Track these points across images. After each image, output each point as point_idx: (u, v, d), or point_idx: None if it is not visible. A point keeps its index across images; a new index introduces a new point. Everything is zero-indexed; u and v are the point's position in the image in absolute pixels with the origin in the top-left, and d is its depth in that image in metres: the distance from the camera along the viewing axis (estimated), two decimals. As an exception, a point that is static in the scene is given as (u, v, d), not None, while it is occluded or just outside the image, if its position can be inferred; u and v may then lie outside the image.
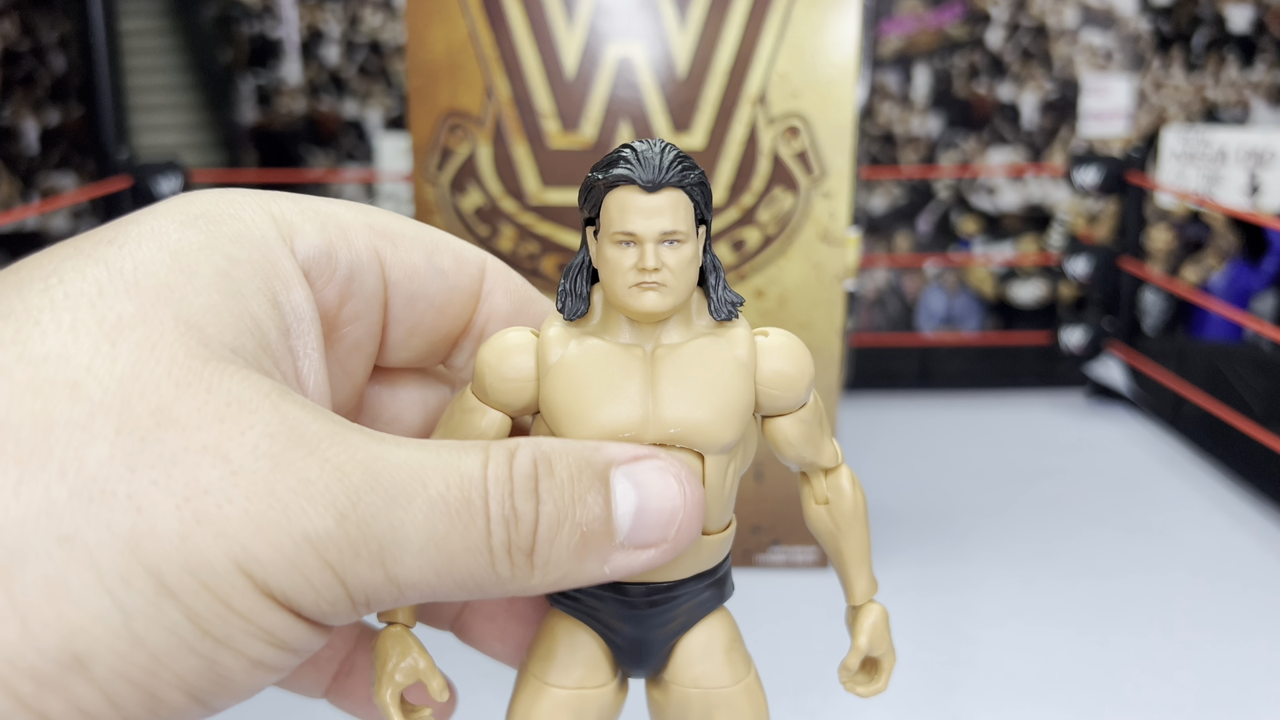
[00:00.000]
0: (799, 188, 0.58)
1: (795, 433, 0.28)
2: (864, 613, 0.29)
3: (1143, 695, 0.51)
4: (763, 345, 0.26)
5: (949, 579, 0.63)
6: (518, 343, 0.26)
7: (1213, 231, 2.36)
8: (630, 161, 0.24)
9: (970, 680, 0.52)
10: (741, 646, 0.29)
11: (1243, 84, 2.69)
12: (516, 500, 0.22)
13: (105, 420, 0.19)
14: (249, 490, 0.19)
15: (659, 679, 0.29)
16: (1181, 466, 0.82)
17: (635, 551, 0.24)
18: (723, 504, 0.27)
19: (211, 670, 0.20)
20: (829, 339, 0.60)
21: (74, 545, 0.18)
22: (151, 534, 0.19)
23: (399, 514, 0.21)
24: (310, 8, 2.67)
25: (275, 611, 0.20)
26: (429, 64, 0.57)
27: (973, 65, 2.74)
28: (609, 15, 0.56)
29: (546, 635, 0.28)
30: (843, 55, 0.56)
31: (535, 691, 0.27)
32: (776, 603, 0.60)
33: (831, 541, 0.29)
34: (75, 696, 0.19)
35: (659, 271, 0.25)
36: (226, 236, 0.22)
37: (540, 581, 0.23)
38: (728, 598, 0.29)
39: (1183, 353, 0.93)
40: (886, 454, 0.85)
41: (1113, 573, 0.64)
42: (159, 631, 0.19)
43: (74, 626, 0.18)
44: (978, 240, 2.71)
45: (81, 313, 0.20)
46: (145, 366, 0.19)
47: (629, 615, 0.27)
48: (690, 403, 0.25)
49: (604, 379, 0.25)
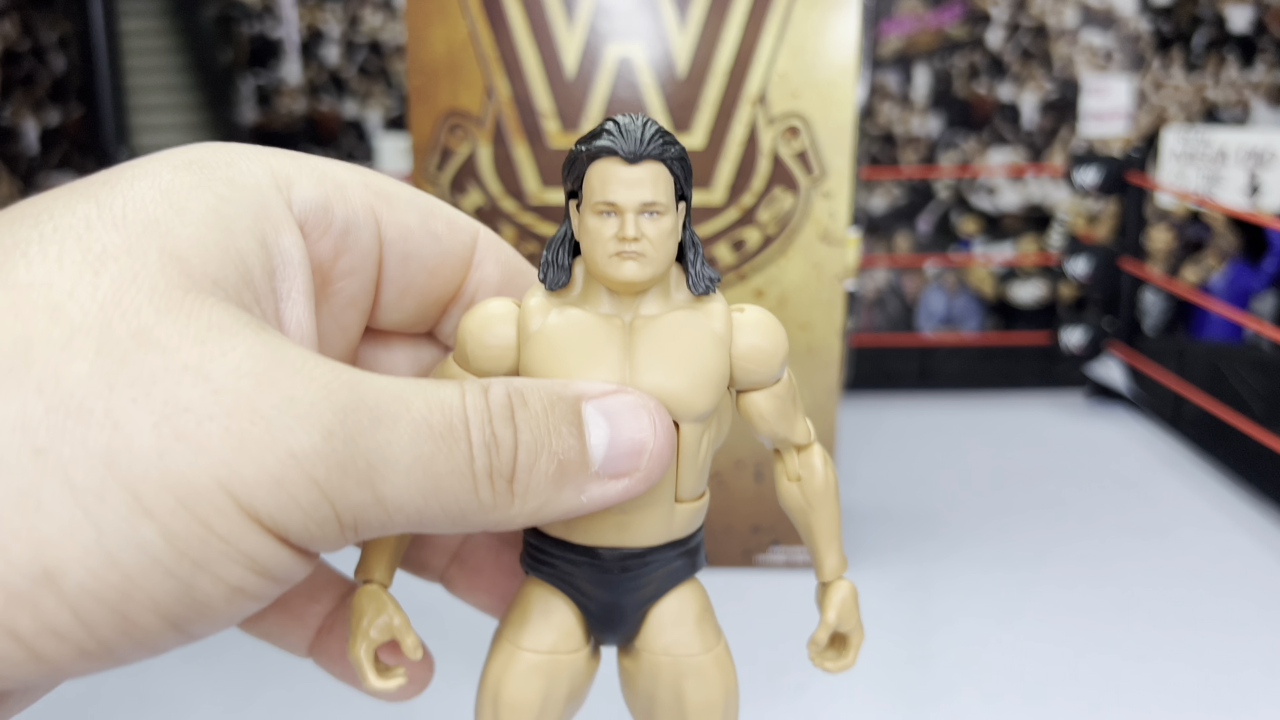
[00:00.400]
0: (799, 188, 0.58)
1: (769, 408, 0.28)
2: (833, 589, 0.30)
3: (1142, 695, 0.51)
4: (739, 321, 0.27)
5: (948, 578, 0.63)
6: (499, 312, 0.27)
7: (1213, 232, 2.36)
8: (613, 134, 0.25)
9: (970, 680, 0.52)
10: (712, 617, 0.30)
11: (1243, 84, 2.69)
12: (496, 427, 0.22)
13: (85, 341, 0.19)
14: (231, 408, 0.19)
15: (630, 647, 0.29)
16: (1181, 466, 0.82)
17: (610, 481, 0.24)
18: (696, 473, 0.27)
19: (188, 595, 0.19)
20: (829, 339, 0.60)
21: (47, 459, 0.18)
22: (128, 451, 0.18)
23: (385, 433, 0.21)
24: (310, 8, 2.67)
25: (258, 534, 0.20)
26: (429, 64, 0.57)
27: (973, 65, 2.74)
28: (609, 15, 0.56)
29: (521, 601, 0.28)
30: (843, 55, 0.56)
31: (509, 656, 0.28)
32: (776, 603, 0.60)
33: (803, 518, 0.30)
34: (45, 613, 0.18)
35: (639, 241, 0.25)
36: (220, 179, 0.23)
37: (520, 510, 0.23)
38: (700, 569, 0.30)
39: (1183, 353, 0.93)
40: (886, 454, 0.85)
41: (1112, 573, 0.64)
42: (133, 551, 0.18)
43: (45, 540, 0.18)
44: (978, 240, 2.71)
45: (68, 245, 0.20)
46: (127, 294, 0.19)
47: (602, 580, 0.27)
48: (666, 372, 0.26)
49: (583, 347, 0.26)
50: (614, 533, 0.27)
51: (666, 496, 0.27)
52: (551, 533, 0.27)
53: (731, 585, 0.62)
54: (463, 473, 0.22)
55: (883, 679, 0.52)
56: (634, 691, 0.29)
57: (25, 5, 2.22)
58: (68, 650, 0.19)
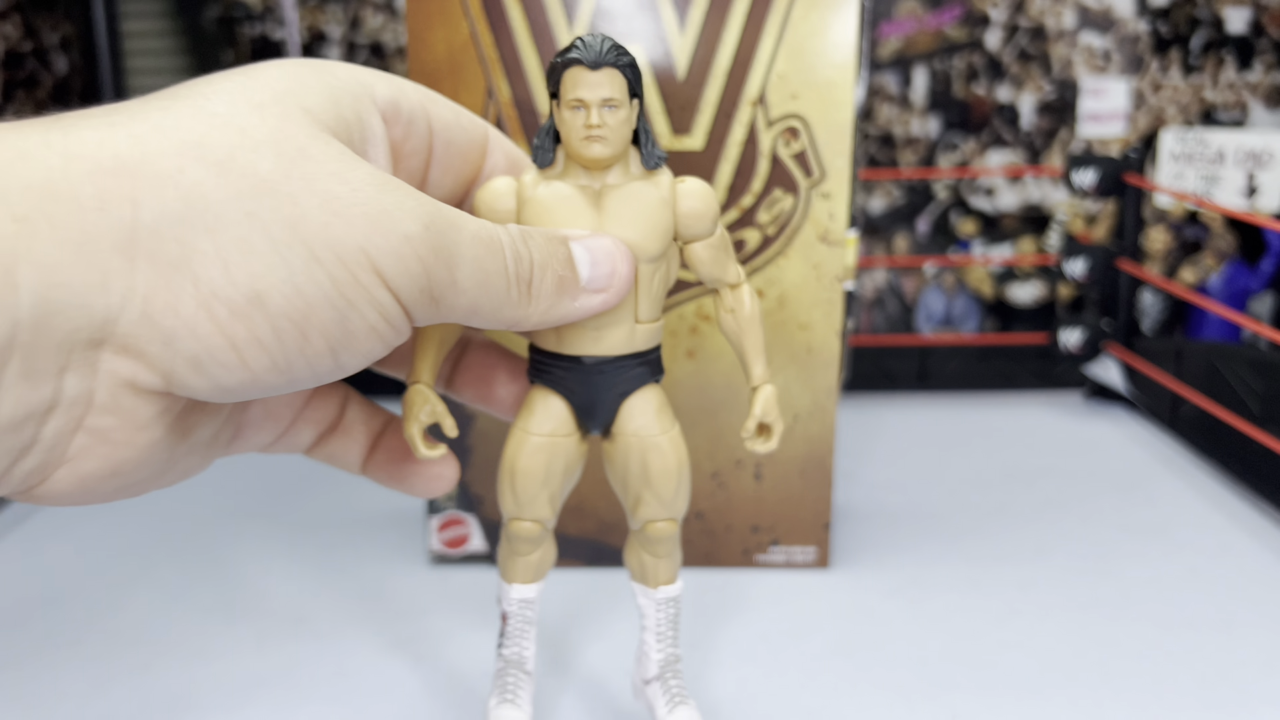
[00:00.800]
0: (798, 189, 0.58)
1: (706, 255, 0.38)
2: (760, 391, 0.39)
3: (1141, 693, 0.51)
4: (680, 189, 0.37)
5: (947, 578, 0.64)
6: (504, 186, 0.37)
7: (1210, 232, 2.36)
8: (579, 48, 0.34)
9: (969, 678, 0.52)
10: (669, 410, 0.39)
11: (1240, 85, 2.69)
12: (519, 246, 0.32)
13: (267, 149, 0.27)
14: (365, 202, 0.28)
15: (609, 433, 0.39)
16: (1179, 466, 0.82)
17: (593, 294, 0.34)
18: (651, 300, 0.37)
19: (343, 324, 0.28)
20: (828, 339, 0.61)
21: (255, 219, 0.26)
22: (304, 220, 0.27)
23: (456, 235, 0.30)
24: (312, 9, 2.68)
25: (384, 290, 0.28)
26: (430, 65, 0.57)
27: (971, 66, 2.75)
28: (609, 17, 0.56)
29: (529, 401, 0.38)
30: (842, 57, 0.57)
31: (521, 439, 0.38)
32: (776, 603, 0.60)
33: (737, 340, 0.40)
34: (254, 325, 0.26)
35: (601, 128, 0.35)
36: (327, 72, 0.31)
37: (534, 310, 0.33)
38: (659, 378, 0.39)
39: (1180, 353, 0.93)
40: (886, 454, 0.85)
41: (1111, 572, 0.64)
42: (311, 286, 0.27)
43: (256, 272, 0.26)
44: (976, 241, 2.72)
45: (236, 96, 0.28)
46: (284, 127, 0.28)
47: (585, 381, 0.37)
48: (626, 225, 0.36)
49: (565, 208, 0.36)
50: (592, 344, 0.37)
51: (628, 317, 0.37)
52: (548, 347, 0.37)
53: (731, 584, 0.62)
54: (502, 272, 0.31)
55: (882, 677, 0.52)
56: (613, 466, 0.39)
57: (27, 7, 2.22)
58: (265, 360, 0.27)
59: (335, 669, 0.53)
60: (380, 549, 0.68)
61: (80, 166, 0.25)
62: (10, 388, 0.24)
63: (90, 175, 0.25)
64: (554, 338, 0.37)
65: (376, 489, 0.77)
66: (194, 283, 0.26)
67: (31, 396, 0.24)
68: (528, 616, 0.40)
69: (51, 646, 0.56)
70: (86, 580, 0.63)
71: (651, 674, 0.41)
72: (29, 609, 0.60)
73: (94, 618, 0.59)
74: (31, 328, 0.24)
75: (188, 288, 0.26)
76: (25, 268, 0.23)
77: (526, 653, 0.41)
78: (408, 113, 0.34)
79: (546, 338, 0.38)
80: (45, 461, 0.26)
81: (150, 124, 0.27)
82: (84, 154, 0.25)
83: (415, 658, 0.54)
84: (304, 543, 0.69)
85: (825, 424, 0.62)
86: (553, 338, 0.37)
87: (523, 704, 0.40)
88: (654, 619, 0.41)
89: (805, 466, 0.63)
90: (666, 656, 0.41)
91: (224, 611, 0.60)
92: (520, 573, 0.40)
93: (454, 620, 0.58)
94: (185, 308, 0.26)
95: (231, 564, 0.66)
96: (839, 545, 0.68)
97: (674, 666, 0.41)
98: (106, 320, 0.25)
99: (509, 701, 0.40)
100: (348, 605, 0.60)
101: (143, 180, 0.25)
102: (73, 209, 0.24)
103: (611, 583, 0.62)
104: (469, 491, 0.64)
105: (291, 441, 0.37)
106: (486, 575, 0.64)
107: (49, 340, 0.24)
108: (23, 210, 0.23)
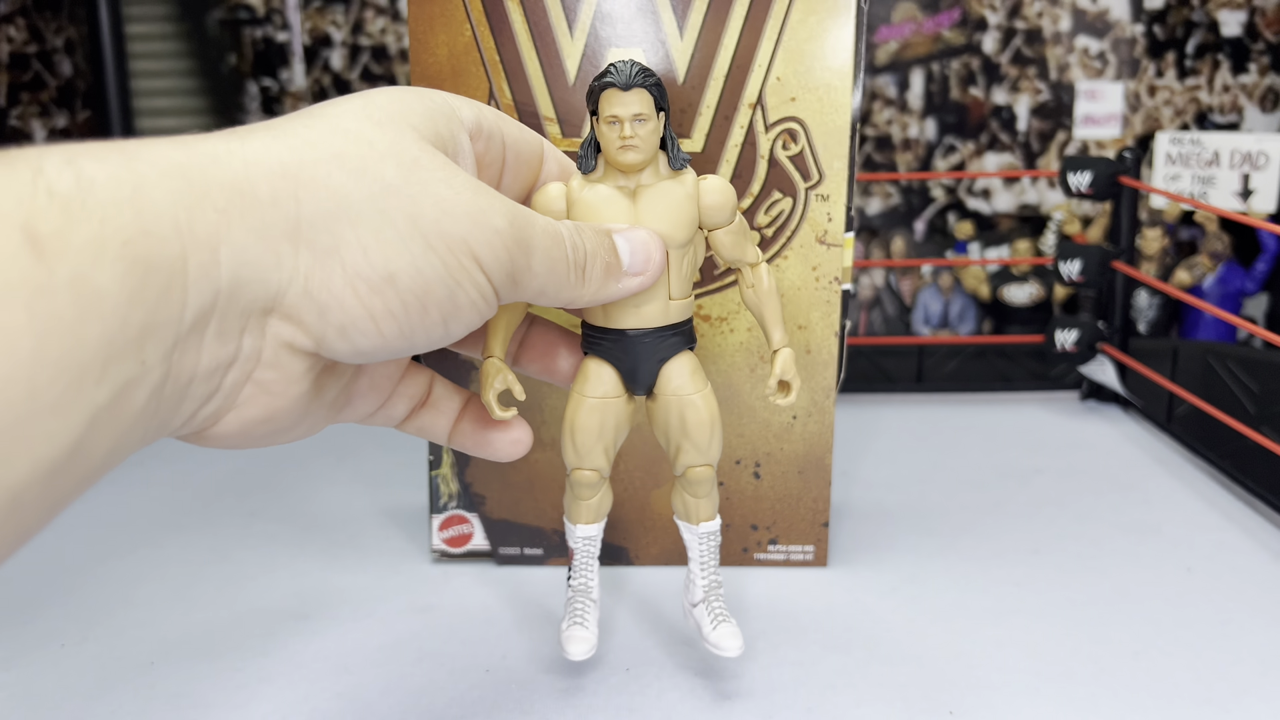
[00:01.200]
0: (796, 191, 0.59)
1: (728, 240, 0.46)
2: (780, 354, 0.47)
3: (1137, 692, 0.51)
4: (703, 185, 0.45)
5: (944, 576, 0.64)
6: (556, 191, 0.44)
7: (1205, 234, 2.37)
8: (612, 73, 0.42)
9: (966, 676, 0.53)
10: (701, 372, 0.46)
11: (1235, 88, 2.70)
12: (576, 238, 0.39)
13: (390, 159, 0.34)
14: (466, 202, 0.35)
15: (652, 394, 0.46)
16: (1175, 465, 0.83)
17: (633, 277, 0.42)
18: (681, 280, 0.45)
19: (452, 299, 0.35)
20: (826, 340, 0.61)
21: (385, 215, 0.33)
22: (421, 216, 0.33)
23: (531, 229, 0.37)
24: (315, 12, 2.68)
25: (479, 272, 0.35)
26: (432, 69, 0.58)
27: (968, 69, 2.75)
28: (610, 21, 0.57)
29: (583, 369, 0.46)
30: (840, 60, 0.57)
31: (578, 402, 0.46)
32: (775, 600, 0.61)
33: (758, 310, 0.47)
34: (387, 300, 0.33)
35: (633, 138, 0.42)
36: (425, 97, 0.38)
37: (586, 290, 0.40)
38: (692, 345, 0.46)
39: (1176, 353, 0.94)
40: (883, 454, 0.86)
41: (1107, 570, 0.65)
42: (428, 268, 0.33)
43: (389, 256, 0.33)
44: (973, 242, 2.72)
45: (358, 115, 0.35)
46: (399, 141, 0.34)
47: (631, 349, 0.45)
48: (658, 218, 0.44)
49: (608, 207, 0.43)
50: (634, 318, 0.44)
51: (663, 294, 0.44)
52: (597, 323, 0.45)
53: (731, 582, 0.63)
54: (564, 259, 0.38)
55: (880, 675, 0.53)
56: (655, 422, 0.47)
57: (32, 9, 2.23)
58: (394, 328, 0.34)
59: (339, 666, 0.54)
60: (383, 547, 0.68)
61: (258, 170, 0.31)
62: (209, 344, 0.30)
63: (266, 177, 0.31)
64: (602, 314, 0.45)
65: (377, 488, 0.78)
66: (341, 266, 0.32)
67: (221, 351, 0.31)
68: (591, 551, 0.48)
69: (56, 644, 0.56)
70: (90, 577, 0.64)
71: (698, 598, 0.48)
72: (32, 606, 0.60)
73: (98, 614, 0.59)
74: (227, 296, 0.30)
75: (337, 269, 0.32)
76: (225, 249, 0.29)
77: (591, 582, 0.48)
78: (487, 130, 0.41)
79: (595, 314, 0.45)
80: (221, 407, 0.32)
81: (300, 139, 0.33)
82: (259, 160, 0.31)
83: (418, 655, 0.55)
84: (308, 540, 0.69)
85: (824, 423, 0.63)
86: (600, 314, 0.45)
87: (590, 625, 0.47)
88: (697, 550, 0.48)
89: (804, 466, 0.63)
90: (710, 582, 0.48)
91: (228, 608, 0.60)
92: (584, 514, 0.48)
93: (456, 618, 0.59)
94: (335, 285, 0.32)
95: (236, 561, 0.66)
96: (837, 544, 0.68)
97: (717, 591, 0.48)
98: (277, 293, 0.31)
99: (578, 624, 0.47)
100: (351, 603, 0.61)
101: (302, 183, 0.32)
102: (254, 203, 0.30)
103: (607, 579, 0.63)
104: (471, 490, 0.65)
105: (388, 414, 0.43)
106: (489, 573, 0.64)
107: (236, 307, 0.30)
108: (222, 203, 0.29)
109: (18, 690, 0.51)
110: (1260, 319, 2.35)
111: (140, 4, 2.56)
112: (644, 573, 0.64)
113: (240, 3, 2.58)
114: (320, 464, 0.83)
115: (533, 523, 0.65)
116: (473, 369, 0.62)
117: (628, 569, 0.65)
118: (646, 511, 0.64)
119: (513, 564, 0.66)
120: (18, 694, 0.51)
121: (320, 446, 0.86)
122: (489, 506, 0.65)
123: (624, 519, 0.64)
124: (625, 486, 0.64)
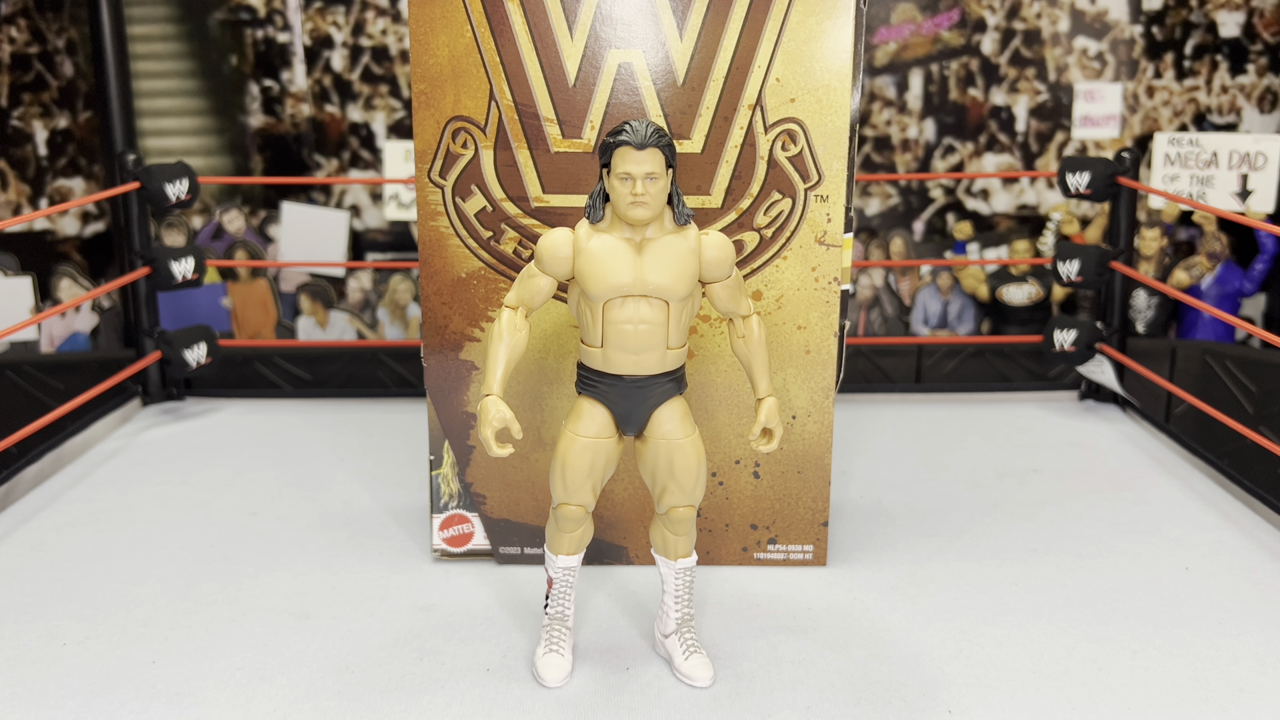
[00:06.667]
0: (796, 192, 0.59)
1: (724, 294, 0.54)
2: (764, 403, 0.54)
3: (1134, 689, 0.52)
4: (704, 241, 0.53)
5: (943, 575, 0.64)
6: (563, 237, 0.53)
7: (1203, 234, 2.37)
8: (628, 132, 0.51)
9: (965, 674, 0.53)
10: (690, 417, 0.54)
11: (1233, 89, 2.71)
12: None
13: None
14: None
15: (642, 436, 0.53)
16: (1172, 465, 0.83)
17: None
18: (680, 330, 0.53)
19: None
20: (825, 340, 0.61)
21: None
22: None
23: None
24: (316, 13, 2.68)
25: None
26: (433, 70, 0.58)
27: (967, 70, 2.76)
28: (610, 23, 0.57)
29: (577, 408, 0.53)
30: (839, 62, 0.57)
31: (570, 440, 0.52)
32: (773, 599, 0.61)
33: (746, 360, 0.55)
34: None
35: (645, 195, 0.50)
36: None
37: None
38: (683, 390, 0.54)
39: (1174, 353, 0.94)
40: (882, 453, 0.86)
41: (1104, 568, 0.65)
42: None
43: None
44: (972, 243, 2.72)
45: None
46: None
47: (625, 393, 0.53)
48: (661, 272, 0.52)
49: (613, 257, 0.51)
50: (631, 366, 0.52)
51: (662, 344, 0.52)
52: (595, 366, 0.52)
53: (730, 581, 0.63)
54: None
55: (879, 673, 0.53)
56: (643, 462, 0.53)
57: (34, 11, 2.22)
58: None
59: (340, 664, 0.54)
60: (384, 546, 0.69)
61: None
62: None
63: None
64: (601, 359, 0.51)
65: (379, 488, 0.78)
66: None
67: None
68: (569, 581, 0.52)
69: (58, 643, 0.56)
70: (92, 577, 0.64)
71: (670, 629, 0.52)
72: (35, 606, 0.60)
73: (100, 614, 0.59)
74: None
75: None
76: None
77: (568, 611, 0.52)
78: None
79: (594, 359, 0.51)
80: None
81: None
82: None
83: (419, 654, 0.55)
84: (309, 540, 0.69)
85: (823, 423, 0.63)
86: (600, 359, 0.51)
87: (565, 652, 0.51)
88: (673, 584, 0.52)
89: (803, 465, 0.63)
90: (683, 615, 0.52)
91: (230, 607, 0.60)
92: (565, 546, 0.52)
93: (457, 617, 0.59)
94: None
95: (238, 561, 0.66)
96: (836, 543, 0.68)
97: (689, 623, 0.52)
98: None
99: (554, 651, 0.51)
100: (352, 602, 0.61)
101: None
102: None
103: (607, 579, 0.63)
104: (471, 490, 0.65)
105: None
106: (489, 572, 0.65)
107: None
108: None
109: (18, 690, 0.51)
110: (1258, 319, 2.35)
111: (142, 5, 2.56)
112: (644, 572, 0.65)
113: (241, 4, 2.58)
114: (321, 464, 0.83)
115: (533, 522, 0.65)
116: (473, 369, 0.62)
117: (627, 568, 0.65)
118: (646, 512, 0.65)
119: (513, 563, 0.66)
120: (19, 693, 0.51)
121: (321, 446, 0.86)
122: (489, 506, 0.65)
123: (624, 519, 0.65)
124: (625, 487, 0.64)
